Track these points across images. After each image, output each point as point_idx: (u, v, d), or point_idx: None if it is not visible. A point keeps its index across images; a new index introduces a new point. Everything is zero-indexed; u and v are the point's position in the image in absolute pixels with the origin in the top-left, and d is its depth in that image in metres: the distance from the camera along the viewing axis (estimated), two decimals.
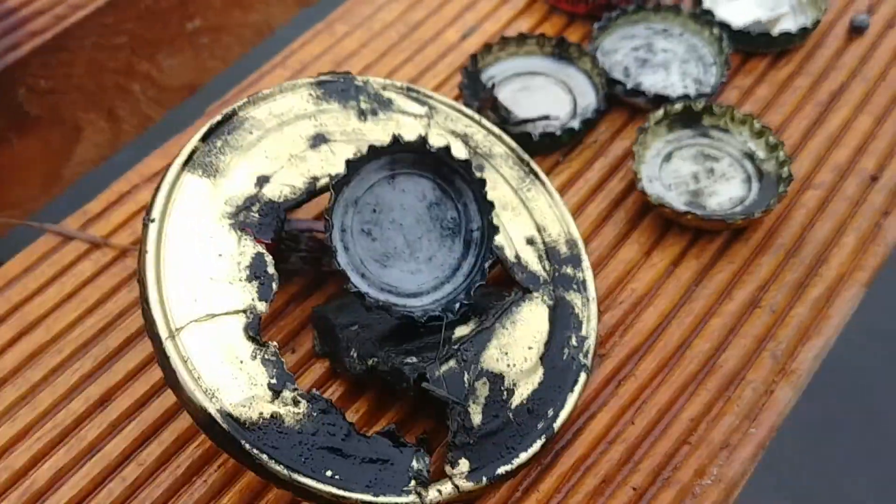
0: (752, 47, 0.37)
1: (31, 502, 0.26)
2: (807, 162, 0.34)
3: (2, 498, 0.26)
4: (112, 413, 0.28)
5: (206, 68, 0.46)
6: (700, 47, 0.37)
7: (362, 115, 0.30)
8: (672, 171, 0.33)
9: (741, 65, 0.37)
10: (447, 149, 0.28)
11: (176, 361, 0.25)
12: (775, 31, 0.37)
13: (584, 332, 0.29)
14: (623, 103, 0.35)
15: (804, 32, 0.37)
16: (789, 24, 0.38)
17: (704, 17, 0.37)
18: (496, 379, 0.27)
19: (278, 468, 0.24)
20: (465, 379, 0.27)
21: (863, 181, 0.33)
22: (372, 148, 0.27)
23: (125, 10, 0.40)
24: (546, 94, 0.35)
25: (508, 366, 0.27)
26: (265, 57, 0.48)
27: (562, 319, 0.29)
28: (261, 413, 0.25)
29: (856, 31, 0.38)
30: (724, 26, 0.36)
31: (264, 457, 0.24)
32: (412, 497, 0.25)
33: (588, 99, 0.35)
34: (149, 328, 0.25)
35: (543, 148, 0.34)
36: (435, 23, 0.38)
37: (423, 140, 0.28)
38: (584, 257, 0.30)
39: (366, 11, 0.38)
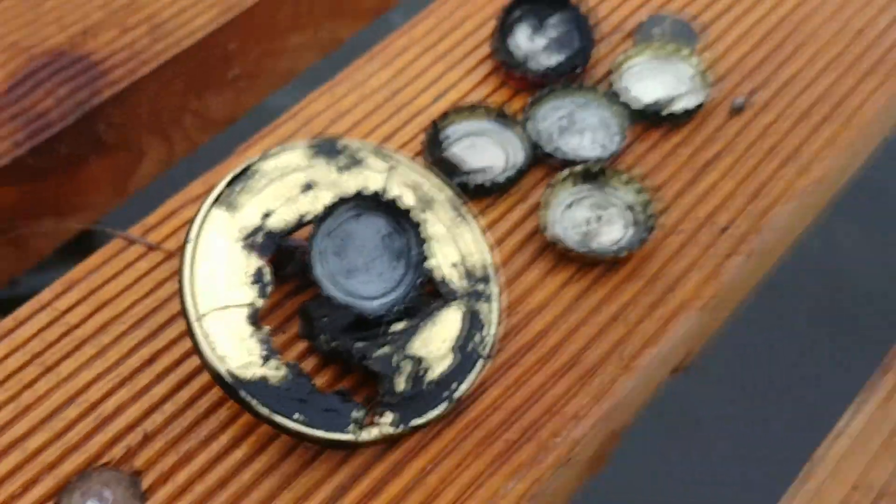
0: (649, 121, 0.48)
1: (102, 423, 0.38)
2: (675, 214, 0.45)
3: (83, 418, 0.39)
4: (158, 367, 0.40)
5: (243, 104, 0.58)
6: (609, 119, 0.48)
7: (341, 169, 0.42)
8: (571, 216, 0.45)
9: (641, 134, 0.48)
10: (395, 199, 0.40)
11: (200, 336, 0.37)
12: (667, 110, 0.48)
13: (486, 332, 0.40)
14: (544, 161, 0.47)
15: (689, 113, 0.47)
16: (685, 103, 0.49)
17: (614, 96, 0.48)
18: (417, 361, 0.39)
19: (263, 410, 0.36)
20: (395, 359, 0.39)
21: (715, 231, 0.44)
22: (342, 197, 0.40)
23: (182, 64, 0.53)
24: (487, 151, 0.47)
25: (427, 352, 0.39)
26: (287, 94, 0.60)
27: (472, 322, 0.40)
28: (254, 374, 0.37)
29: (735, 111, 0.49)
30: (626, 105, 0.47)
31: (254, 402, 0.36)
32: (350, 435, 0.37)
33: (518, 157, 0.46)
34: (183, 312, 0.38)
35: (479, 194, 0.45)
36: (412, 89, 0.49)
37: (378, 193, 0.40)
38: (494, 278, 0.42)
39: (360, 78, 0.50)
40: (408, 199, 0.42)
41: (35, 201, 0.49)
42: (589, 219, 0.44)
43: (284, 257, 0.41)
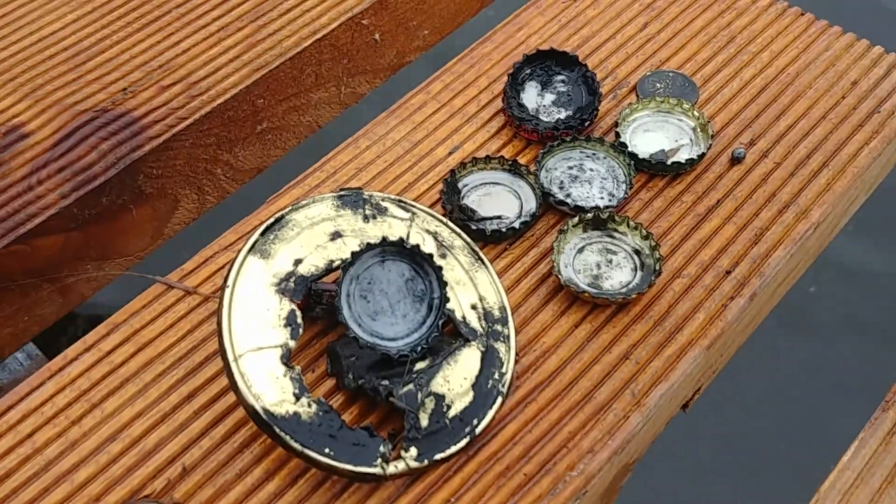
0: (654, 170, 0.51)
1: (144, 458, 0.41)
2: (680, 258, 0.48)
3: (126, 453, 0.42)
4: (195, 404, 0.43)
5: (270, 155, 0.62)
6: (616, 168, 0.51)
7: (366, 218, 0.45)
8: (582, 260, 0.47)
9: (646, 182, 0.51)
10: (418, 246, 0.43)
11: (237, 375, 0.40)
12: (671, 160, 0.51)
13: (504, 370, 0.43)
14: (555, 208, 0.50)
15: (691, 162, 0.50)
16: (687, 153, 0.52)
17: (620, 147, 0.51)
18: (440, 398, 0.41)
19: (295, 445, 0.39)
20: (419, 396, 0.41)
21: (718, 274, 0.47)
22: (368, 244, 0.43)
23: (214, 119, 0.56)
24: (502, 199, 0.50)
25: (449, 390, 0.42)
26: (312, 144, 0.64)
27: (490, 360, 0.43)
28: (287, 410, 0.40)
29: (735, 160, 0.51)
30: (633, 155, 0.50)
31: (287, 437, 0.39)
32: (378, 469, 0.39)
33: (531, 204, 0.49)
34: (221, 353, 0.41)
35: (495, 239, 0.48)
36: (430, 142, 0.53)
37: (402, 240, 0.43)
38: (510, 319, 0.45)
39: (381, 131, 0.53)
40: (428, 246, 0.45)
41: (78, 247, 0.52)
42: (599, 262, 0.47)
43: (313, 300, 0.44)
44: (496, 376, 0.42)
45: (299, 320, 0.41)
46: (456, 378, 0.42)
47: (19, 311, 0.52)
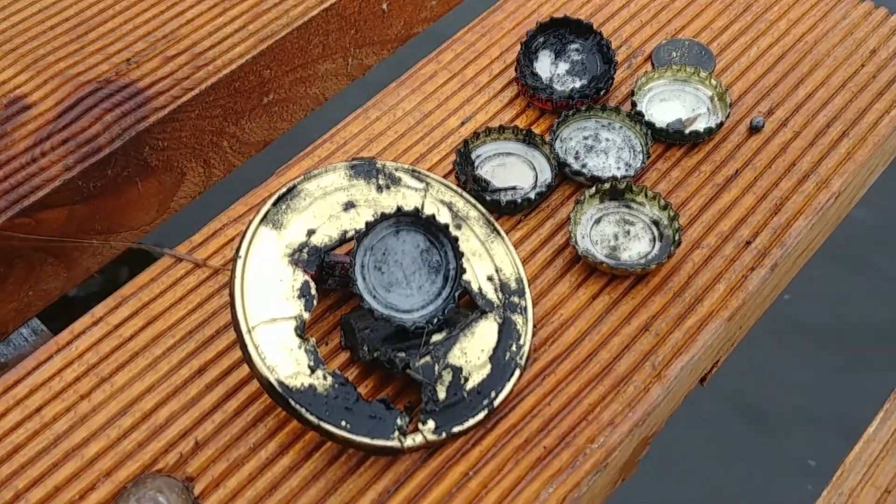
0: (671, 140, 0.50)
1: (155, 432, 0.40)
2: (699, 228, 0.47)
3: (137, 427, 0.41)
4: (207, 378, 0.42)
5: (277, 128, 0.61)
6: (632, 138, 0.50)
7: (380, 188, 0.44)
8: (599, 231, 0.46)
9: (663, 152, 0.50)
10: (433, 216, 0.42)
11: (250, 347, 0.39)
12: (688, 129, 0.49)
13: (521, 342, 0.42)
14: (571, 179, 0.49)
15: (709, 131, 0.49)
16: (705, 122, 0.51)
17: (637, 117, 0.50)
18: (457, 370, 0.41)
19: (311, 418, 0.38)
20: (436, 369, 0.40)
21: (738, 244, 0.46)
22: (383, 214, 0.42)
23: (220, 90, 0.55)
24: (516, 170, 0.49)
25: (466, 362, 0.41)
26: (319, 117, 0.62)
27: (507, 332, 0.42)
28: (302, 383, 0.39)
29: (754, 129, 0.50)
30: (650, 124, 0.49)
31: (303, 410, 0.38)
32: (395, 442, 0.39)
33: (546, 175, 0.49)
34: (234, 324, 0.40)
35: (509, 210, 0.47)
36: (441, 112, 0.52)
37: (417, 210, 0.42)
38: (527, 291, 0.44)
39: (391, 101, 0.52)
40: (443, 216, 0.44)
41: (83, 220, 0.51)
42: (616, 233, 0.46)
43: (326, 272, 0.43)
44: (514, 348, 0.42)
45: (313, 291, 0.40)
46: (473, 350, 0.41)
47: (24, 286, 0.51)
